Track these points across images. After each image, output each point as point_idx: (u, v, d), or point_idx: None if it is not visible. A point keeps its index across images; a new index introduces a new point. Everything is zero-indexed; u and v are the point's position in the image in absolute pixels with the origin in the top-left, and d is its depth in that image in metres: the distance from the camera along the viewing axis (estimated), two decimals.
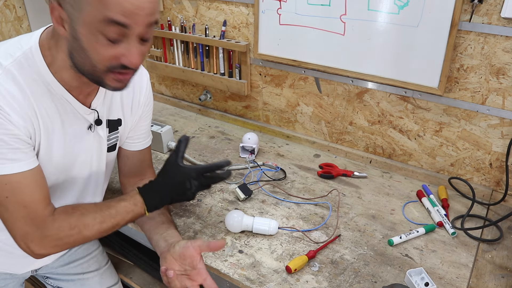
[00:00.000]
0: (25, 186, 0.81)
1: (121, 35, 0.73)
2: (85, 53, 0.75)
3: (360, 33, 1.26)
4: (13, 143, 0.79)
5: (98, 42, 0.73)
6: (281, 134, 1.61)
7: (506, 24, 1.06)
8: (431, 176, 1.34)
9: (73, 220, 0.86)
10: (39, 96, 0.82)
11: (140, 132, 1.10)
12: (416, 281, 0.94)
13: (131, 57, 0.76)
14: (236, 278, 0.97)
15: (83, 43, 0.74)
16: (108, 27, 0.72)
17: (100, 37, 0.73)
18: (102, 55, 0.75)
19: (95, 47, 0.74)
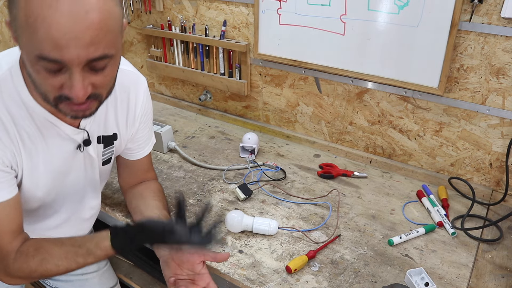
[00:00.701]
0: None
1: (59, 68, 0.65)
2: (34, 80, 0.70)
3: (360, 33, 1.26)
4: None
5: (39, 72, 0.66)
6: (281, 134, 1.61)
7: (506, 24, 1.06)
8: (431, 176, 1.34)
9: (33, 264, 0.82)
10: (20, 120, 0.78)
11: (139, 142, 1.07)
12: (416, 281, 0.94)
13: (72, 90, 0.66)
14: (236, 278, 0.97)
15: (29, 69, 0.68)
16: (42, 62, 0.63)
17: (39, 67, 0.65)
18: (47, 85, 0.68)
19: (38, 76, 0.67)
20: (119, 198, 1.23)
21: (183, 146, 1.53)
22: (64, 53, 0.62)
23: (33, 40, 0.61)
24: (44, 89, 0.69)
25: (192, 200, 1.24)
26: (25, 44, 0.64)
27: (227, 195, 1.26)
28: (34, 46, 0.62)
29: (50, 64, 0.63)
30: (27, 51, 0.65)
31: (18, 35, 0.65)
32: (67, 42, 0.61)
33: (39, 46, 0.61)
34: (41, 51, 0.62)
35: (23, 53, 0.67)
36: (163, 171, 1.38)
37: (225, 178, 1.34)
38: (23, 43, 0.65)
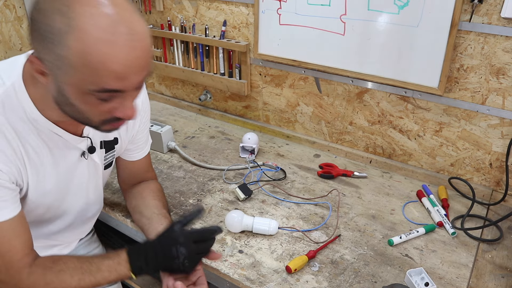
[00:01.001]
0: (3, 235, 0.78)
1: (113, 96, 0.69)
2: (75, 108, 0.71)
3: (360, 33, 1.26)
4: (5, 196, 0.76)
5: (90, 102, 0.68)
6: (281, 134, 1.61)
7: (506, 24, 1.06)
8: (431, 176, 1.34)
9: (49, 277, 0.82)
10: (25, 134, 0.78)
11: (139, 143, 1.08)
12: (416, 281, 0.94)
13: (126, 112, 0.72)
14: (236, 278, 0.97)
15: (72, 100, 0.69)
16: (100, 93, 0.67)
17: (90, 98, 0.68)
18: (94, 111, 0.71)
19: (87, 106, 0.69)
20: (119, 198, 1.23)
21: (183, 146, 1.53)
22: (125, 83, 0.66)
23: (90, 76, 0.63)
24: (90, 115, 0.71)
25: (192, 200, 1.24)
26: (76, 80, 0.65)
27: (227, 195, 1.26)
28: (92, 81, 0.64)
29: (107, 94, 0.67)
30: (78, 84, 0.66)
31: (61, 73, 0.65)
32: (127, 73, 0.65)
33: (98, 81, 0.64)
34: (102, 85, 0.65)
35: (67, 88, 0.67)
36: (163, 171, 1.38)
37: (225, 178, 1.34)
38: (70, 79, 0.65)
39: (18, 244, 0.81)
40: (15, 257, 0.80)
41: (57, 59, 0.64)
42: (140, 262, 0.88)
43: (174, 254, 0.86)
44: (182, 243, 0.87)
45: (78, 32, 0.61)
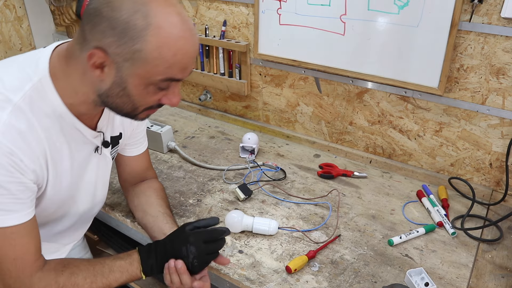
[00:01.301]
0: (19, 238, 0.77)
1: (171, 84, 0.77)
2: (129, 98, 0.76)
3: (360, 33, 1.26)
4: (16, 193, 0.75)
5: (148, 91, 0.76)
6: (281, 134, 1.61)
7: (506, 24, 1.06)
8: (431, 176, 1.34)
9: (61, 279, 0.81)
10: (50, 129, 0.79)
11: (138, 137, 1.09)
12: (416, 281, 0.94)
13: (173, 98, 0.79)
14: (236, 278, 0.97)
15: (130, 90, 0.75)
16: (164, 82, 0.75)
17: (151, 87, 0.75)
18: (148, 100, 0.78)
19: (143, 95, 0.76)
20: (119, 198, 1.23)
21: (183, 146, 1.53)
22: (185, 73, 0.76)
23: (162, 67, 0.71)
24: (140, 104, 0.78)
25: (192, 200, 1.24)
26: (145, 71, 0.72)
27: (227, 195, 1.26)
28: (161, 72, 0.72)
29: (168, 83, 0.75)
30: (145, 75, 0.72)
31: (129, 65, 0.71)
32: (189, 64, 0.75)
33: (168, 71, 0.72)
34: (170, 75, 0.73)
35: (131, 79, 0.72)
36: (163, 171, 1.38)
37: (225, 178, 1.34)
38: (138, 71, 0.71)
39: (32, 248, 0.80)
40: (28, 262, 0.79)
41: (131, 52, 0.70)
42: (151, 261, 0.89)
43: (184, 253, 0.87)
44: (192, 242, 0.88)
45: (155, 29, 0.69)
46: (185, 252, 0.88)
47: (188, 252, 0.87)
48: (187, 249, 0.87)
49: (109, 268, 0.86)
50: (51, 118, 0.79)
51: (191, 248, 0.87)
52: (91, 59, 0.72)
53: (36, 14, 1.91)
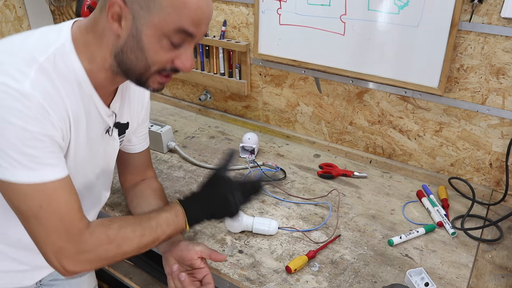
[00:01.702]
0: (61, 195, 0.74)
1: (184, 41, 0.76)
2: (142, 53, 0.75)
3: (360, 33, 1.26)
4: (50, 146, 0.72)
5: (161, 45, 0.75)
6: (281, 134, 1.61)
7: (506, 24, 1.06)
8: (431, 176, 1.34)
9: (111, 233, 0.79)
10: (71, 95, 0.77)
11: (141, 134, 1.08)
12: (416, 281, 0.94)
13: (186, 61, 0.78)
14: (236, 278, 0.97)
15: (144, 43, 0.74)
16: (177, 34, 0.74)
17: (165, 41, 0.74)
18: (160, 57, 0.76)
19: (156, 49, 0.75)
20: (119, 198, 1.23)
21: (183, 146, 1.53)
22: (197, 29, 0.75)
23: (175, 15, 0.72)
24: (153, 60, 0.76)
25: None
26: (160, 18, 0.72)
27: None
28: (175, 21, 0.72)
29: (180, 38, 0.75)
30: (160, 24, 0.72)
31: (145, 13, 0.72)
32: (202, 21, 0.75)
33: (181, 22, 0.72)
34: (182, 26, 0.73)
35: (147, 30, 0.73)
36: (163, 171, 1.38)
37: None
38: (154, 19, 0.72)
39: (76, 205, 0.77)
40: (75, 219, 0.76)
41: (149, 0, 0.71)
42: (195, 211, 0.89)
43: (230, 200, 0.90)
44: (238, 188, 0.91)
45: None
46: (232, 199, 0.90)
47: (235, 199, 0.90)
48: (234, 196, 0.90)
49: (156, 221, 0.85)
50: (72, 83, 0.77)
51: (239, 195, 0.90)
52: (110, 9, 0.72)
53: (36, 14, 1.91)
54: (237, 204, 0.90)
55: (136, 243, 0.81)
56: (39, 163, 0.71)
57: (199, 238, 1.08)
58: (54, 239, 0.74)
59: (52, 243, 0.74)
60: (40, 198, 0.71)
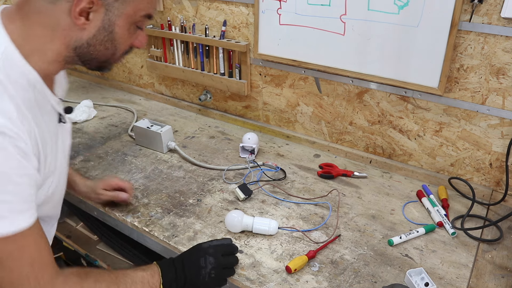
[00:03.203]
0: (32, 239, 0.70)
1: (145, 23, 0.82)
2: (113, 43, 0.78)
3: (360, 33, 1.26)
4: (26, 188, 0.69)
5: (130, 32, 0.79)
6: (281, 134, 1.61)
7: (506, 24, 1.06)
8: (431, 176, 1.34)
9: (86, 285, 0.77)
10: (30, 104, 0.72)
11: None
12: (416, 281, 0.94)
13: (143, 39, 0.83)
14: (236, 278, 0.97)
15: (115, 34, 0.77)
16: (144, 19, 0.80)
17: (132, 27, 0.79)
18: (127, 42, 0.80)
19: (126, 37, 0.79)
20: None
21: (183, 146, 1.53)
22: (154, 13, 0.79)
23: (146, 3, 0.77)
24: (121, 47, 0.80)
25: (192, 200, 1.24)
26: (133, 7, 0.76)
27: (227, 195, 1.26)
28: (146, 8, 0.77)
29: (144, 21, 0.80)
30: (133, 13, 0.76)
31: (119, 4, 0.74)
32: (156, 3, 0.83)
33: (149, 7, 0.78)
34: (149, 10, 0.79)
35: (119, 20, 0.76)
36: (163, 171, 1.38)
37: (225, 178, 1.34)
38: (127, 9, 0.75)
39: (47, 248, 0.74)
40: (47, 264, 0.73)
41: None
42: (171, 274, 0.88)
43: (202, 264, 0.90)
44: (211, 253, 0.91)
45: None
46: (203, 263, 0.90)
47: (206, 263, 0.90)
48: (205, 260, 0.90)
49: (131, 279, 0.83)
50: (27, 90, 0.72)
51: (210, 259, 0.90)
52: (78, 6, 0.69)
53: None
54: (209, 272, 0.90)
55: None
56: (11, 211, 0.67)
57: (199, 238, 1.08)
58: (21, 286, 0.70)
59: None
60: (11, 247, 0.68)
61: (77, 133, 1.62)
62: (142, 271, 0.86)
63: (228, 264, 0.94)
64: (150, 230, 1.11)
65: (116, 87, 2.08)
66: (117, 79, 2.09)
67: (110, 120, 1.73)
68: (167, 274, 0.88)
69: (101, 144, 1.54)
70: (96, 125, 1.69)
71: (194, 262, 0.90)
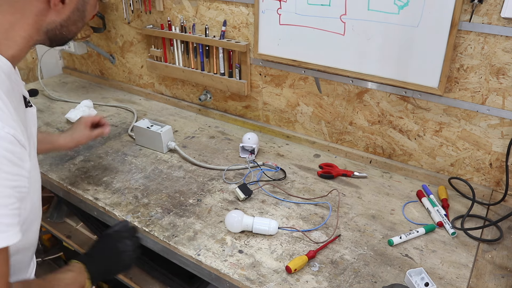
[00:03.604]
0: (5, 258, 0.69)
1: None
2: (83, 21, 0.82)
3: (360, 33, 1.26)
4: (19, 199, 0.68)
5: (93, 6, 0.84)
6: (281, 134, 1.61)
7: (506, 24, 1.06)
8: (431, 176, 1.34)
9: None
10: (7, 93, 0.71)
11: None
12: (416, 281, 0.94)
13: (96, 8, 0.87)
14: (236, 278, 0.97)
15: (86, 12, 0.82)
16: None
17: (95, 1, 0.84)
18: (90, 16, 0.85)
19: (92, 12, 0.84)
20: (119, 198, 1.23)
21: (183, 146, 1.53)
22: None
23: None
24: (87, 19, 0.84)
25: (192, 200, 1.24)
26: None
27: (227, 195, 1.26)
28: None
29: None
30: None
31: None
32: None
33: None
34: None
35: None
36: (163, 171, 1.38)
37: (225, 178, 1.34)
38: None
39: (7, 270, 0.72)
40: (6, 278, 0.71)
41: None
42: (94, 266, 0.90)
43: (121, 249, 0.94)
44: (125, 237, 0.96)
45: None
46: (123, 247, 0.95)
47: (126, 246, 0.95)
48: (124, 244, 0.95)
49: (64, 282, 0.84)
50: (4, 81, 0.71)
51: (127, 242, 0.96)
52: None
53: None
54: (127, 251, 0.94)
55: None
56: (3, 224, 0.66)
57: (199, 238, 1.08)
58: None
59: None
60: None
61: None
62: (70, 271, 0.87)
63: (138, 243, 1.00)
64: (150, 230, 1.11)
65: (116, 87, 2.08)
66: (117, 79, 2.09)
67: (110, 120, 1.73)
68: (91, 267, 0.89)
69: (101, 144, 1.54)
70: None
71: (113, 249, 0.94)
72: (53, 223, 1.66)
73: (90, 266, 0.89)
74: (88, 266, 0.89)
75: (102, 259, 0.92)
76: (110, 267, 0.94)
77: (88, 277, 0.88)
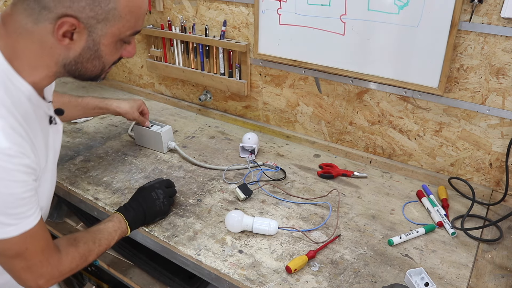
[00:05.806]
0: (40, 233, 0.82)
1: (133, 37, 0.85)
2: (100, 60, 0.81)
3: (360, 33, 1.26)
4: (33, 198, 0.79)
5: (116, 48, 0.82)
6: (281, 134, 1.61)
7: (506, 24, 1.06)
8: (431, 176, 1.34)
9: (81, 250, 0.91)
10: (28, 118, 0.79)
11: None
12: (416, 281, 0.94)
13: (133, 50, 0.87)
14: (236, 278, 0.97)
15: (102, 52, 0.80)
16: (132, 36, 0.82)
17: (119, 43, 0.82)
18: (115, 56, 0.84)
19: (112, 53, 0.82)
20: (119, 198, 1.23)
21: (183, 146, 1.53)
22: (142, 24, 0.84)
23: (133, 21, 0.79)
24: (108, 61, 0.84)
25: (192, 200, 1.24)
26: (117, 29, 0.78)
27: (227, 195, 1.26)
28: (132, 26, 0.80)
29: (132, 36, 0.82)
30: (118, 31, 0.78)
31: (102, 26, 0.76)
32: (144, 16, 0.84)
33: (136, 24, 0.81)
34: (137, 28, 0.81)
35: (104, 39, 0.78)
36: (163, 171, 1.38)
37: (225, 178, 1.34)
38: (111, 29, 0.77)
39: (49, 236, 0.86)
40: (52, 248, 0.86)
41: (106, 12, 0.75)
42: (132, 213, 1.05)
43: (154, 197, 1.10)
44: (158, 187, 1.12)
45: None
46: (156, 195, 1.10)
47: (158, 195, 1.10)
48: (156, 193, 1.10)
49: (107, 231, 0.99)
50: (25, 105, 0.78)
51: (159, 191, 1.11)
52: (60, 29, 0.73)
53: None
54: (162, 201, 1.10)
55: (96, 253, 0.95)
56: (21, 217, 0.78)
57: (199, 238, 1.08)
58: (40, 269, 0.83)
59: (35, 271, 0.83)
60: (25, 242, 0.80)
61: (77, 133, 1.62)
62: (110, 221, 1.02)
63: (172, 193, 1.16)
64: (150, 230, 1.11)
65: (116, 87, 2.08)
66: (117, 79, 2.09)
67: (110, 120, 1.73)
68: (128, 215, 1.05)
69: (101, 144, 1.54)
70: (96, 125, 1.69)
71: (147, 197, 1.09)
72: (53, 223, 1.66)
73: (128, 215, 1.05)
74: (125, 215, 1.05)
75: (138, 208, 1.07)
76: (145, 214, 1.08)
77: (127, 224, 1.04)
